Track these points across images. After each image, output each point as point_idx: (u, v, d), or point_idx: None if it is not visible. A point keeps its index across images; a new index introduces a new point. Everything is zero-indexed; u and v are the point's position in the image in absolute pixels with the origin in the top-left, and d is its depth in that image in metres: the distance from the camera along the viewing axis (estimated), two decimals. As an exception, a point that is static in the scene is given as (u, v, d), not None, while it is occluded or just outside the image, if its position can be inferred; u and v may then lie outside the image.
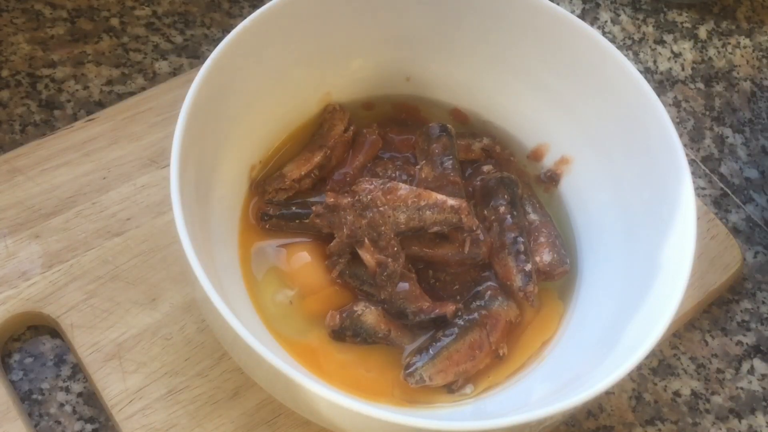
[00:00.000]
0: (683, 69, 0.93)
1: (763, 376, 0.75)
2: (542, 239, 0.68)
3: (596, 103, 0.67)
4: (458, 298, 0.65)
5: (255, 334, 0.51)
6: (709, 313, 0.77)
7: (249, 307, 0.63)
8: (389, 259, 0.63)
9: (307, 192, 0.68)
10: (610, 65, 0.65)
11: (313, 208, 0.65)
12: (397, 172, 0.68)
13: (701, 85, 0.92)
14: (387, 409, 0.55)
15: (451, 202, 0.64)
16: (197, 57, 0.82)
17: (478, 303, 0.64)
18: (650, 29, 0.95)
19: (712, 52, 0.95)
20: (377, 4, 0.67)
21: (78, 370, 0.65)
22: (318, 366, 0.62)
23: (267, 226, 0.67)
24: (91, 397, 0.64)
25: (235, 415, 0.63)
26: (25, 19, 0.81)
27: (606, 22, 0.95)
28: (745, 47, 0.96)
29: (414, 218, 0.64)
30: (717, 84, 0.92)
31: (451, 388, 0.63)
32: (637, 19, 0.96)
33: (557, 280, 0.68)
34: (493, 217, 0.67)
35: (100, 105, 0.78)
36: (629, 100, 0.65)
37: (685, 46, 0.95)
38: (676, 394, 0.73)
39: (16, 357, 0.65)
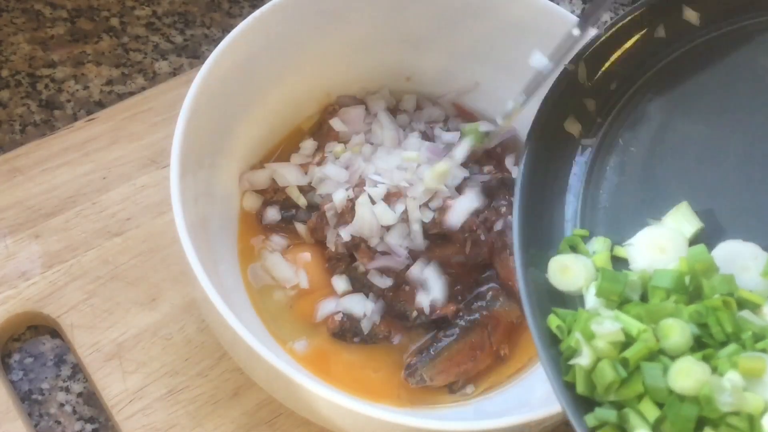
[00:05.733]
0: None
1: None
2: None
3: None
4: (459, 298, 0.65)
5: (255, 335, 0.51)
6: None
7: (249, 307, 0.63)
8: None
9: (307, 192, 0.68)
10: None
11: (307, 222, 0.65)
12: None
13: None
14: (386, 409, 0.55)
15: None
16: (197, 57, 0.82)
17: (479, 303, 0.64)
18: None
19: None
20: (377, 4, 0.67)
21: (78, 370, 0.65)
22: (324, 367, 0.62)
23: (267, 227, 0.67)
24: (91, 397, 0.64)
25: (235, 415, 0.62)
26: (25, 19, 0.81)
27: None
28: None
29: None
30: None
31: (452, 389, 0.63)
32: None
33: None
34: (494, 218, 0.67)
35: (100, 105, 0.78)
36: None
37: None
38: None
39: (16, 357, 0.65)
